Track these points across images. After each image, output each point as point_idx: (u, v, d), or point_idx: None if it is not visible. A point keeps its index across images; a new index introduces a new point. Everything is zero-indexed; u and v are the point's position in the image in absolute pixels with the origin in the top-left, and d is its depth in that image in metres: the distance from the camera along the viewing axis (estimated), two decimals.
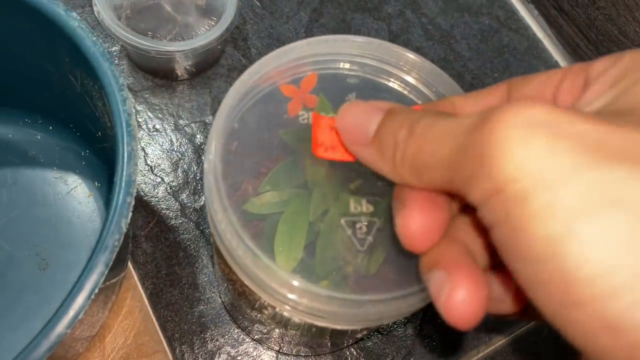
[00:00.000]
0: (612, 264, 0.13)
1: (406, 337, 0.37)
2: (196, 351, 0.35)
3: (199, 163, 0.40)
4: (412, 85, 0.25)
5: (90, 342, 0.34)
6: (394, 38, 0.48)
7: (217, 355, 0.35)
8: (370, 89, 0.25)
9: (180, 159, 0.40)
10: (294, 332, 0.30)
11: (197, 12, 0.40)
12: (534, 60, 0.49)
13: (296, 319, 0.23)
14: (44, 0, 0.27)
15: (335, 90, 0.25)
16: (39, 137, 0.38)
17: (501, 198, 0.14)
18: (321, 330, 0.28)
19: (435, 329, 0.37)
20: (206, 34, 0.38)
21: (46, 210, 0.37)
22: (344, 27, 0.47)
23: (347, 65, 0.25)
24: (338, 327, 0.22)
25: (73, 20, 0.27)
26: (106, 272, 0.23)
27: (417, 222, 0.18)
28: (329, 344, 0.33)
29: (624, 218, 0.13)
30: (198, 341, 0.35)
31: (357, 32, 0.47)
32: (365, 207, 0.22)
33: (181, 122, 0.41)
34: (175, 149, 0.40)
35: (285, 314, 0.22)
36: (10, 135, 0.38)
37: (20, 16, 0.29)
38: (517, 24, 0.50)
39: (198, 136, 0.40)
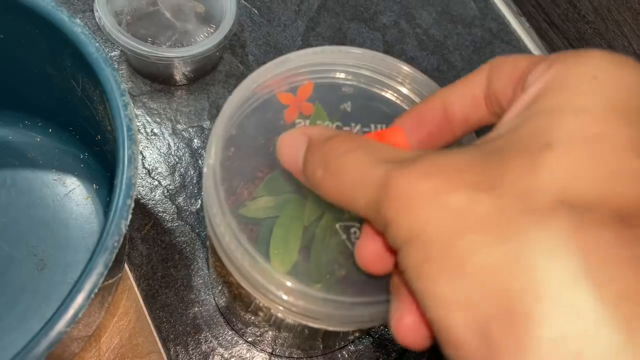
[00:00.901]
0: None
1: None
2: (190, 352, 0.35)
3: (196, 167, 0.40)
4: (405, 95, 0.26)
5: (87, 342, 0.35)
6: (388, 48, 0.49)
7: (210, 357, 0.35)
8: (365, 99, 0.26)
9: (177, 163, 0.40)
10: (287, 334, 0.30)
11: (197, 20, 0.41)
12: None
13: (290, 320, 0.24)
14: (49, 6, 0.28)
15: (330, 99, 0.25)
16: (38, 139, 0.39)
17: (403, 252, 0.16)
18: (314, 333, 0.29)
19: None
20: (205, 41, 0.39)
21: (44, 212, 0.38)
22: (339, 36, 0.48)
23: (343, 75, 0.26)
24: (330, 328, 0.22)
25: (77, 27, 0.28)
26: (105, 272, 0.24)
27: (369, 249, 0.19)
28: (321, 346, 0.34)
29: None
30: (192, 342, 0.36)
31: (353, 42, 0.48)
32: None
33: (179, 126, 0.42)
34: (172, 152, 0.41)
35: (280, 315, 0.23)
36: (10, 137, 0.39)
37: (25, 21, 0.29)
38: (509, 36, 0.51)
39: (195, 140, 0.41)
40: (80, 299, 0.23)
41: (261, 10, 0.48)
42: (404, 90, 0.26)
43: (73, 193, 0.38)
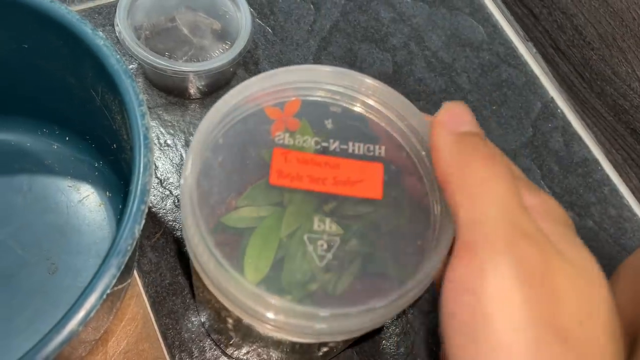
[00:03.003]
0: None
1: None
2: (194, 359, 0.36)
3: None
4: (374, 107, 0.26)
5: (94, 346, 0.36)
6: (398, 68, 0.50)
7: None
8: (347, 117, 0.26)
9: None
10: (264, 349, 0.31)
11: (213, 36, 0.42)
12: (530, 95, 0.51)
13: (260, 330, 0.24)
14: (73, 19, 0.29)
15: (315, 116, 0.26)
16: (55, 146, 0.40)
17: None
18: (288, 345, 0.29)
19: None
20: (220, 57, 0.40)
21: (58, 217, 0.39)
22: (350, 56, 0.50)
23: (327, 94, 0.26)
24: (294, 339, 0.22)
25: (99, 39, 0.29)
26: (118, 274, 0.25)
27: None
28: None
29: None
30: (197, 350, 0.36)
31: (363, 61, 0.50)
32: (329, 226, 0.24)
33: (191, 138, 0.43)
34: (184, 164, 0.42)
35: (251, 323, 0.23)
36: (28, 144, 0.40)
37: (50, 32, 0.31)
38: (516, 60, 0.52)
39: None
40: (93, 298, 0.24)
41: (275, 29, 0.49)
42: (371, 102, 0.26)
43: (87, 200, 0.39)
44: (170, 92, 0.44)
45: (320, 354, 0.30)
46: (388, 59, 0.50)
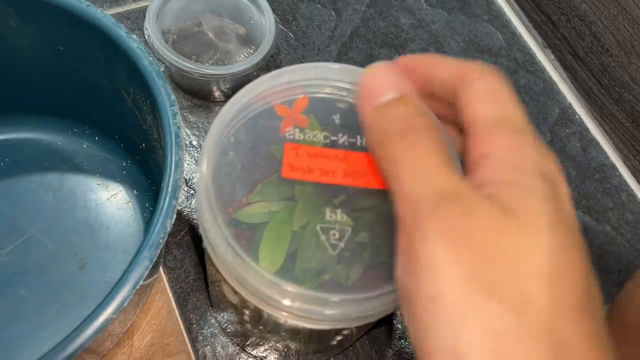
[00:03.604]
0: None
1: None
2: (217, 354, 0.37)
3: None
4: None
5: (120, 338, 0.37)
6: None
7: (237, 358, 0.37)
8: (354, 112, 0.26)
9: None
10: (283, 341, 0.32)
11: (238, 41, 0.43)
12: (548, 101, 0.51)
13: (278, 318, 0.25)
14: (108, 22, 0.31)
15: (323, 112, 0.27)
16: (85, 146, 0.42)
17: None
18: (302, 333, 0.30)
19: None
20: (245, 61, 0.41)
21: (88, 214, 0.40)
22: (370, 61, 0.50)
23: (334, 91, 0.27)
24: (310, 326, 0.23)
25: (133, 42, 0.30)
26: (150, 266, 0.26)
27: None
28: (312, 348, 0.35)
29: None
30: (219, 345, 0.37)
31: None
32: (340, 217, 0.24)
33: None
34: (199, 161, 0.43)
35: (269, 312, 0.23)
36: (59, 143, 0.41)
37: (85, 35, 0.32)
38: (534, 66, 0.53)
39: None
40: (127, 288, 0.25)
41: (297, 34, 0.50)
42: None
43: (114, 198, 0.41)
44: (195, 94, 0.45)
45: (335, 342, 0.31)
46: None
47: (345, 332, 0.29)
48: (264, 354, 0.36)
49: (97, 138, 0.41)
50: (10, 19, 0.32)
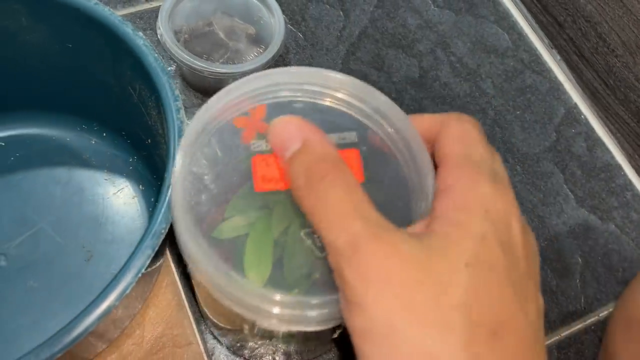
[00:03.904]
0: None
1: None
2: (224, 346, 0.38)
3: None
4: (343, 99, 0.27)
5: (127, 326, 0.37)
6: (424, 73, 0.51)
7: (244, 349, 0.37)
8: (312, 111, 0.27)
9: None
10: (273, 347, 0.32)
11: (248, 40, 0.44)
12: (554, 101, 0.52)
13: (275, 329, 0.24)
14: (115, 20, 0.31)
15: (283, 114, 0.26)
16: (93, 142, 0.43)
17: (350, 313, 0.20)
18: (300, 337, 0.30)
19: None
20: (254, 60, 0.42)
21: (95, 208, 0.41)
22: (378, 61, 0.51)
23: (289, 93, 0.27)
24: (303, 329, 0.23)
25: (139, 39, 0.31)
26: (152, 255, 0.26)
27: None
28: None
29: None
30: (228, 335, 0.38)
31: (390, 67, 0.51)
32: None
33: None
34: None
35: (265, 325, 0.23)
36: (68, 139, 0.42)
37: (93, 32, 0.33)
38: (540, 66, 0.53)
39: None
40: (129, 276, 0.26)
41: (306, 34, 0.51)
42: (341, 96, 0.27)
43: (121, 192, 0.41)
44: (206, 92, 0.46)
45: (336, 335, 0.31)
46: (414, 64, 0.52)
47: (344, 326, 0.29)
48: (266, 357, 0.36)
49: (104, 134, 0.42)
50: (21, 17, 0.33)
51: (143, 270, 0.26)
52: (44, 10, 0.33)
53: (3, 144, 0.42)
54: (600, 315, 0.43)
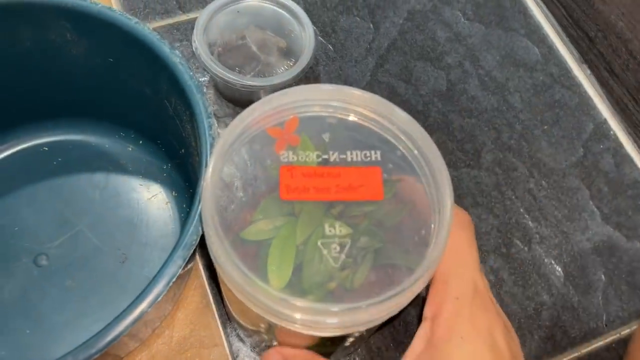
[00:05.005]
0: None
1: None
2: (249, 348, 0.39)
3: None
4: (367, 116, 0.29)
5: (158, 326, 0.39)
6: (451, 86, 0.52)
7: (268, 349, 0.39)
8: (343, 128, 0.29)
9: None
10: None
11: (279, 53, 0.45)
12: (583, 116, 0.52)
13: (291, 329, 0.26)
14: (154, 38, 0.33)
15: (314, 130, 0.28)
16: (130, 149, 0.45)
17: None
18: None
19: None
20: (285, 73, 0.43)
21: (130, 212, 0.43)
22: (406, 74, 0.52)
23: (319, 109, 0.29)
24: (318, 334, 0.25)
25: (175, 57, 0.33)
26: (183, 265, 0.28)
27: None
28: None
29: None
30: (252, 339, 0.39)
31: (418, 79, 0.52)
32: (339, 229, 0.26)
33: None
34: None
35: (282, 325, 0.25)
36: (106, 145, 0.44)
37: (133, 49, 0.35)
38: (569, 81, 0.53)
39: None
40: (161, 284, 0.27)
41: (336, 46, 0.52)
42: (365, 112, 0.29)
43: (155, 198, 0.43)
44: (237, 103, 0.47)
45: (348, 343, 0.32)
46: (442, 77, 0.52)
47: (355, 334, 0.30)
48: None
49: (140, 142, 0.44)
50: (66, 32, 0.35)
51: (174, 279, 0.27)
52: (86, 27, 0.35)
53: (47, 148, 0.44)
54: (622, 333, 0.43)
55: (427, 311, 0.28)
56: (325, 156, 0.28)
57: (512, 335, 0.29)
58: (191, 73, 0.32)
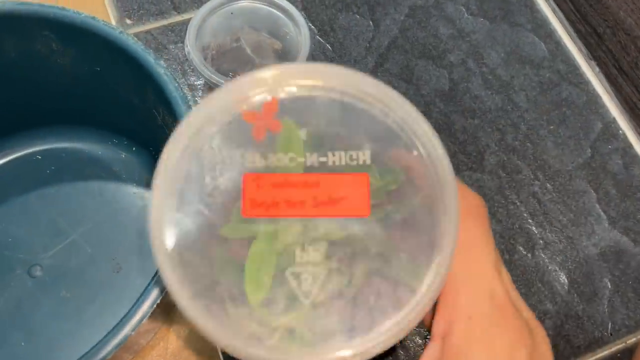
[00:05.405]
0: None
1: None
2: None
3: None
4: (368, 101, 0.23)
5: (153, 337, 0.39)
6: (454, 85, 0.50)
7: None
8: (337, 109, 0.23)
9: None
10: None
11: (274, 55, 0.44)
12: (591, 115, 0.50)
13: None
14: (138, 49, 0.32)
15: (296, 115, 0.23)
16: (123, 155, 0.44)
17: None
18: None
19: None
20: None
21: (124, 220, 0.42)
22: (407, 73, 0.50)
23: (298, 89, 0.23)
24: None
25: (160, 68, 0.32)
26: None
27: None
28: None
29: None
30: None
31: (419, 79, 0.50)
32: (313, 255, 0.22)
33: None
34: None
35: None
36: (99, 152, 0.44)
37: (119, 59, 0.34)
38: (577, 78, 0.51)
39: None
40: (145, 306, 0.27)
41: (334, 46, 0.51)
42: (365, 96, 0.23)
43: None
44: None
45: None
46: (444, 76, 0.51)
47: None
48: None
49: (133, 149, 0.43)
50: (52, 42, 0.35)
51: (157, 301, 0.27)
52: (71, 37, 0.34)
53: (40, 157, 0.43)
54: (628, 342, 0.42)
55: (436, 328, 0.25)
56: (301, 159, 0.22)
57: (541, 351, 0.24)
58: (176, 84, 0.31)
